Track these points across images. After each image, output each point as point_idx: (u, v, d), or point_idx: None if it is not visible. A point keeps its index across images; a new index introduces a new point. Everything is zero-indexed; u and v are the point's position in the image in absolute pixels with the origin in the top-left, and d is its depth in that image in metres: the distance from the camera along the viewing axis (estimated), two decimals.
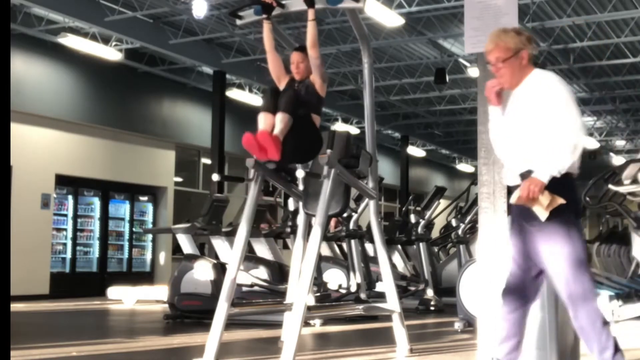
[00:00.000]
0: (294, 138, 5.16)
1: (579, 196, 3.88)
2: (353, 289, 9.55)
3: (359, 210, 10.11)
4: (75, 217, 14.67)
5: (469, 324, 7.40)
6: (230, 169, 17.10)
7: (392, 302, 5.83)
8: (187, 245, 10.42)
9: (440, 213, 12.39)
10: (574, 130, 3.58)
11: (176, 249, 14.54)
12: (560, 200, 3.54)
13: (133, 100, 15.63)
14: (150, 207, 16.41)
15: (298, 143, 5.22)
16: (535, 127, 3.67)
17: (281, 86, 5.58)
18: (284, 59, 5.71)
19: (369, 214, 6.31)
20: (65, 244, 14.52)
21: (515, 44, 3.75)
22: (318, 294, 8.54)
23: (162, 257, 16.29)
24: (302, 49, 5.56)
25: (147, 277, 15.81)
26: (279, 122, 5.10)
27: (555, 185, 3.56)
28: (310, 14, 5.42)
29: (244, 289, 8.78)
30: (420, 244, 10.99)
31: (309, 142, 5.35)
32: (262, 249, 10.84)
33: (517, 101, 3.78)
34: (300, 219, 6.14)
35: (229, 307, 5.03)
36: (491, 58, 3.79)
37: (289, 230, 9.48)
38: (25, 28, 12.89)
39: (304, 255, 5.58)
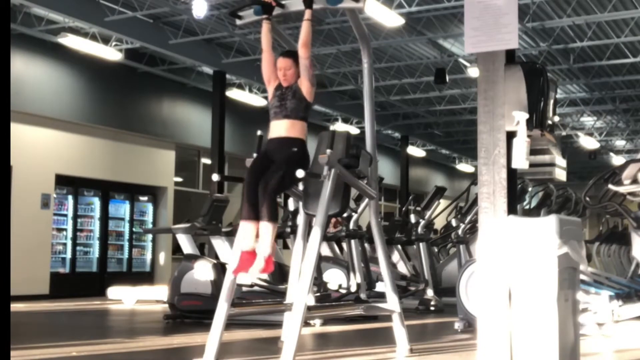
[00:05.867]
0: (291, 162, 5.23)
1: None
2: (353, 289, 9.54)
3: (359, 210, 10.10)
4: (75, 217, 14.67)
5: (469, 324, 7.40)
6: (230, 169, 17.10)
7: (392, 302, 5.83)
8: (187, 245, 10.40)
9: (440, 213, 12.39)
10: None
11: (176, 249, 14.54)
12: None
13: (133, 100, 15.62)
14: (150, 207, 16.41)
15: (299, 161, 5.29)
16: None
17: (269, 88, 5.55)
18: None
19: (369, 214, 6.31)
20: (65, 244, 14.52)
21: None
22: (318, 294, 8.53)
23: (162, 257, 16.29)
24: (290, 54, 5.53)
25: (147, 277, 15.82)
26: (265, 235, 5.08)
27: None
28: (307, 14, 5.43)
29: (244, 289, 8.78)
30: (420, 244, 11.00)
31: (303, 158, 5.40)
32: None
33: None
34: (300, 219, 6.14)
35: (229, 307, 5.04)
36: None
37: (289, 230, 9.48)
38: (25, 28, 12.90)
39: (304, 255, 5.58)
